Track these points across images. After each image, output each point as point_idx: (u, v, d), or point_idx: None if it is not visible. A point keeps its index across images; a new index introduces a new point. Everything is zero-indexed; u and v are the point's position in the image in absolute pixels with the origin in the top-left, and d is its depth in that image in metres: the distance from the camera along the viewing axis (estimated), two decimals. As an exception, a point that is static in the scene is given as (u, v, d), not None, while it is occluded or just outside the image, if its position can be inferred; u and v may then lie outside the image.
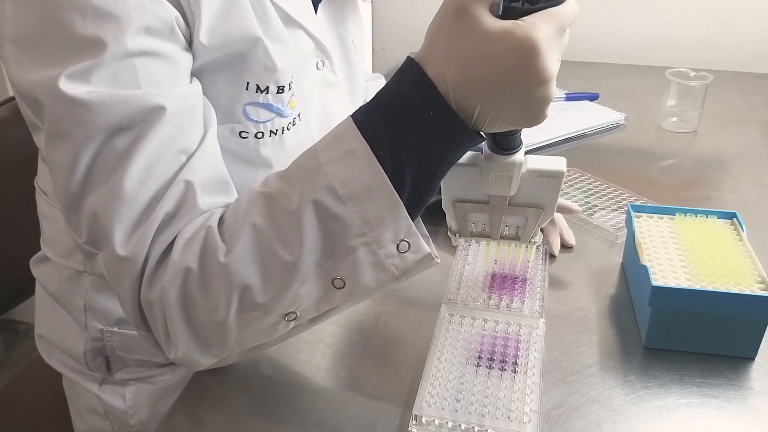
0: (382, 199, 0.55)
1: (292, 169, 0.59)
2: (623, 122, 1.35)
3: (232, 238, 0.58)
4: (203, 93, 0.68)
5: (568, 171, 1.11)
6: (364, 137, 0.54)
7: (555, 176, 0.65)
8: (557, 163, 0.65)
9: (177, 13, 0.63)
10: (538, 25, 0.50)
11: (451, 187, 0.68)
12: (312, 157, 0.57)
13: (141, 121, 0.58)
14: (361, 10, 0.96)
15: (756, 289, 0.71)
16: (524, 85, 0.51)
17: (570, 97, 1.41)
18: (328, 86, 0.85)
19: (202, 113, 0.65)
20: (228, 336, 0.60)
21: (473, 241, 0.89)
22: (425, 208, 0.58)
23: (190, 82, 0.66)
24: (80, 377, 0.89)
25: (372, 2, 1.83)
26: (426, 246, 0.57)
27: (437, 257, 0.59)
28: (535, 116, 0.54)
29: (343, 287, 0.58)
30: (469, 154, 0.64)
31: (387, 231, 0.56)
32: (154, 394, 0.88)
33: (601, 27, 1.69)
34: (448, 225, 0.73)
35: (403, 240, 0.57)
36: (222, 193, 0.64)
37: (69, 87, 0.56)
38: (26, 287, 1.03)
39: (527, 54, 0.49)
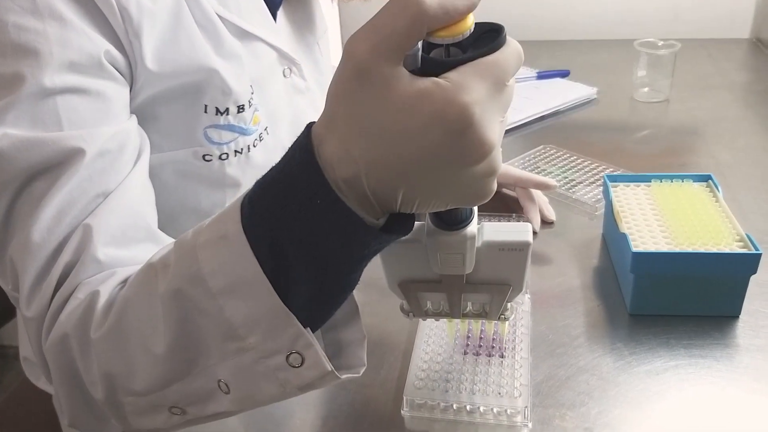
0: (260, 299, 0.43)
1: (179, 240, 0.49)
2: (596, 96, 1.35)
3: (110, 314, 0.50)
4: (158, 120, 0.66)
5: (545, 148, 1.12)
6: (242, 220, 0.43)
7: (520, 248, 0.52)
8: (521, 232, 0.52)
9: (109, 46, 0.59)
10: (467, 84, 0.37)
11: (392, 266, 0.55)
12: (195, 234, 0.47)
13: (57, 164, 0.54)
14: (325, 12, 0.95)
15: (735, 248, 0.72)
16: (456, 164, 0.39)
17: (541, 76, 1.42)
18: (298, 93, 0.83)
19: (134, 150, 0.61)
20: (116, 414, 0.53)
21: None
22: (340, 306, 0.48)
23: (128, 118, 0.62)
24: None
25: (339, 3, 1.83)
26: (325, 363, 0.45)
27: (362, 366, 0.49)
28: (478, 195, 0.41)
29: (228, 393, 0.48)
30: None
31: (270, 339, 0.45)
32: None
33: (568, 4, 1.69)
34: (400, 304, 0.61)
35: (293, 352, 0.45)
36: (140, 241, 0.57)
37: None
38: (11, 308, 1.02)
39: (454, 126, 0.37)
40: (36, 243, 0.54)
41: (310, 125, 0.41)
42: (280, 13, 0.80)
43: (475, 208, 0.49)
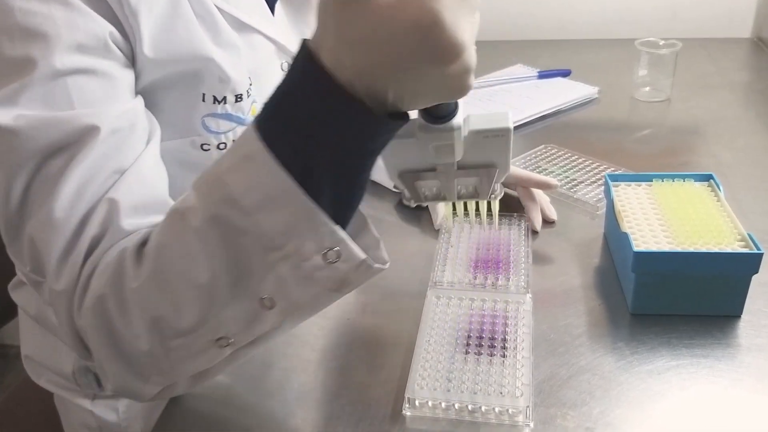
0: (293, 206, 0.47)
1: (199, 179, 0.52)
2: (597, 96, 1.35)
3: (144, 261, 0.53)
4: (157, 108, 0.67)
5: (546, 147, 1.11)
6: (261, 139, 0.47)
7: (501, 134, 0.58)
8: (501, 119, 0.58)
9: (112, 28, 0.60)
10: None
11: (391, 160, 0.61)
12: (215, 165, 0.51)
13: (73, 142, 0.56)
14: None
15: (737, 247, 0.72)
16: (434, 63, 0.43)
17: (542, 75, 1.41)
18: None
19: (143, 131, 0.63)
20: (160, 364, 0.56)
21: (455, 224, 0.89)
22: (359, 201, 0.52)
23: (134, 98, 0.63)
24: (71, 394, 0.88)
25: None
26: (359, 253, 0.50)
27: (385, 262, 0.53)
28: (457, 90, 0.46)
29: (273, 307, 0.52)
30: None
31: (307, 241, 0.48)
32: (148, 406, 0.87)
33: (568, 4, 1.69)
34: (400, 195, 0.67)
35: (329, 249, 0.49)
36: (158, 213, 0.59)
37: None
38: (12, 307, 1.02)
39: (428, 29, 0.41)
40: (59, 219, 0.55)
41: (304, 41, 0.45)
42: (278, 6, 0.81)
43: (460, 103, 0.54)
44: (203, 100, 0.70)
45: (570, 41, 1.68)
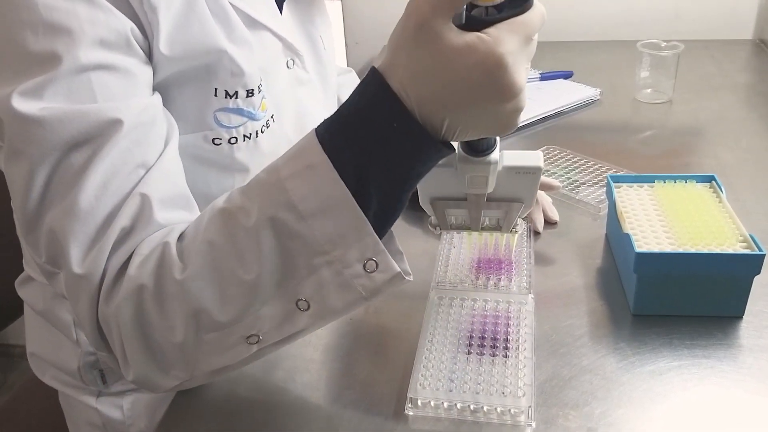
0: (345, 215, 0.52)
1: (252, 184, 0.56)
2: (599, 97, 1.35)
3: (189, 256, 0.56)
4: (170, 104, 0.68)
5: (548, 148, 1.12)
6: (325, 151, 0.51)
7: (532, 172, 0.64)
8: (534, 159, 0.64)
9: (132, 25, 0.62)
10: (503, 38, 0.47)
11: (427, 187, 0.66)
12: (272, 172, 0.54)
13: (97, 135, 0.57)
14: (328, 7, 0.96)
15: (738, 248, 0.72)
16: (492, 101, 0.48)
17: (544, 77, 1.42)
18: (300, 84, 0.85)
19: (163, 127, 0.64)
20: (187, 357, 0.58)
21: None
22: (396, 220, 0.56)
23: (152, 95, 0.65)
24: (76, 392, 0.89)
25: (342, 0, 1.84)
26: (395, 265, 0.54)
27: (409, 275, 0.56)
28: (506, 127, 0.51)
29: (308, 309, 0.56)
30: None
31: (352, 249, 0.53)
32: (152, 403, 0.88)
33: (570, 6, 1.69)
34: (429, 219, 0.72)
35: (370, 259, 0.53)
36: (182, 208, 0.62)
37: (22, 104, 0.56)
38: (16, 307, 1.03)
39: (493, 70, 0.47)
40: (84, 210, 0.57)
41: (373, 67, 0.51)
42: (285, 5, 0.82)
43: (498, 139, 0.61)
44: (215, 95, 0.71)
45: (572, 43, 1.69)
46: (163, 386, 0.61)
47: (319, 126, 0.53)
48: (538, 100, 1.32)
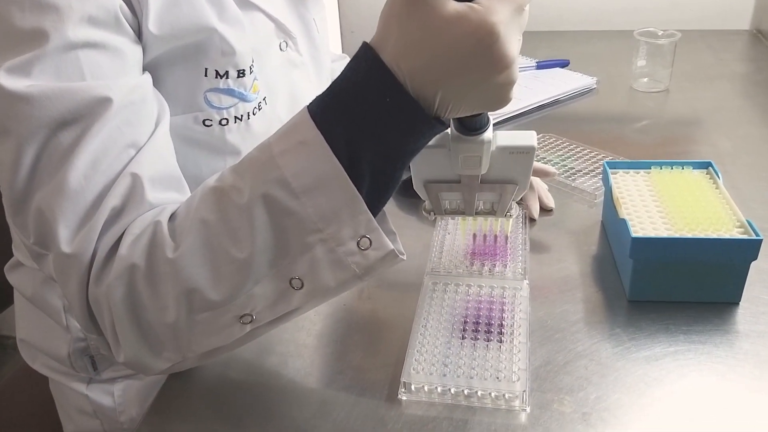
0: (339, 192, 0.51)
1: (244, 162, 0.55)
2: (595, 86, 1.35)
3: (181, 235, 0.55)
4: (160, 84, 0.67)
5: (544, 136, 1.11)
6: (317, 127, 0.51)
7: (526, 152, 0.62)
8: (527, 138, 0.63)
9: (121, 2, 0.61)
10: (495, 8, 0.46)
11: (420, 169, 0.65)
12: (264, 149, 0.54)
13: (86, 114, 0.56)
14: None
15: (735, 234, 0.71)
16: (484, 72, 0.48)
17: (541, 65, 1.41)
18: (294, 67, 0.84)
19: (153, 107, 0.63)
20: (180, 338, 0.57)
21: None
22: (389, 198, 0.56)
23: (142, 75, 0.64)
24: (66, 378, 0.88)
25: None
26: (389, 242, 0.54)
27: (403, 254, 0.55)
28: (499, 101, 0.51)
29: (301, 287, 0.55)
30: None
31: (345, 227, 0.52)
32: (143, 390, 0.87)
33: (567, -5, 1.69)
34: (423, 205, 0.70)
35: (363, 236, 0.53)
36: (174, 189, 0.61)
37: (9, 81, 0.55)
38: (6, 296, 1.02)
39: (485, 40, 0.46)
40: (73, 189, 0.56)
41: (365, 42, 0.50)
42: None
43: (491, 119, 0.59)
44: (206, 75, 0.70)
45: (569, 32, 1.68)
46: (154, 368, 0.60)
47: (311, 102, 0.53)
48: (535, 88, 1.31)
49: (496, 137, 0.61)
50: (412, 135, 0.51)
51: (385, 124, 0.50)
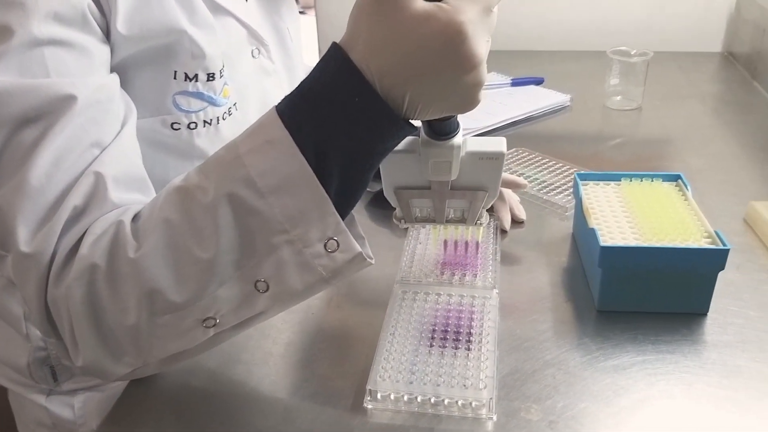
0: (306, 192, 0.50)
1: (210, 161, 0.54)
2: (569, 104, 1.36)
3: (144, 234, 0.54)
4: (128, 86, 0.67)
5: (517, 150, 1.11)
6: (285, 126, 0.50)
7: (495, 158, 0.62)
8: (497, 144, 0.62)
9: (90, 1, 0.60)
10: (463, 7, 0.46)
11: (390, 175, 0.64)
12: (231, 149, 0.53)
13: (50, 111, 0.55)
14: (302, 18, 0.95)
15: (703, 243, 0.71)
16: (453, 72, 0.48)
17: (515, 82, 1.42)
18: (266, 74, 0.84)
19: (120, 107, 0.63)
20: (140, 342, 0.55)
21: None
22: (358, 200, 0.55)
23: (110, 75, 0.63)
24: (26, 390, 0.86)
25: (316, 8, 1.83)
26: (357, 245, 0.53)
27: (371, 258, 0.55)
28: (468, 102, 0.51)
29: (266, 290, 0.53)
30: (406, 139, 0.61)
31: (313, 228, 0.51)
32: (104, 402, 0.85)
33: (543, 16, 1.70)
34: (394, 212, 0.70)
35: (331, 238, 0.52)
36: (138, 191, 0.60)
37: None
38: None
39: (453, 39, 0.46)
40: (34, 187, 0.54)
41: (334, 43, 0.50)
42: None
43: (461, 124, 0.59)
44: (174, 78, 0.70)
45: (544, 52, 1.70)
46: (114, 373, 0.58)
47: (279, 102, 0.52)
48: (509, 104, 1.31)
49: (466, 143, 0.61)
50: (380, 135, 0.51)
51: (353, 124, 0.49)
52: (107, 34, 0.63)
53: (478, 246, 0.82)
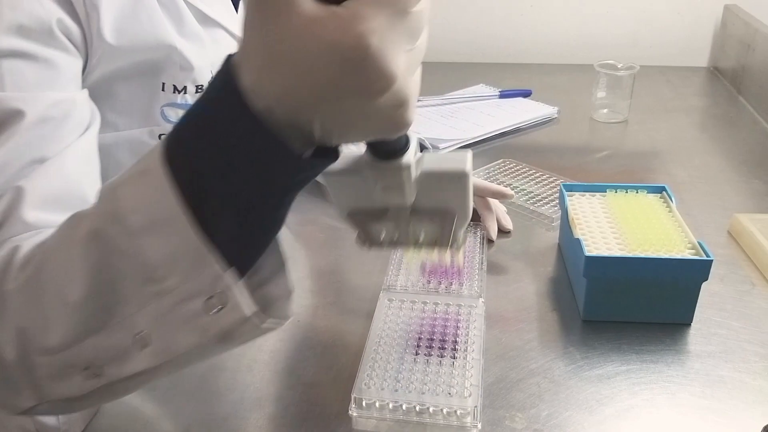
0: (178, 236, 0.41)
1: (105, 183, 0.46)
2: (556, 116, 1.37)
3: (28, 264, 0.48)
4: (116, 97, 0.66)
5: (505, 161, 1.12)
6: (162, 154, 0.41)
7: (457, 178, 0.51)
8: (459, 161, 0.51)
9: (61, 15, 0.59)
10: (365, 13, 0.35)
11: (339, 198, 0.55)
12: (118, 176, 0.45)
13: None
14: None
15: (687, 254, 0.72)
16: (359, 94, 0.37)
17: (504, 94, 1.43)
18: None
19: (79, 125, 0.60)
20: (28, 379, 0.48)
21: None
22: (269, 244, 0.46)
23: (77, 89, 0.61)
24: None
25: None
26: (245, 306, 0.42)
27: (284, 318, 0.46)
28: (392, 126, 0.40)
29: (147, 346, 0.45)
30: (350, 157, 0.50)
31: (189, 280, 0.42)
32: (88, 410, 0.84)
33: (531, 29, 1.72)
34: (356, 234, 0.60)
35: (212, 296, 0.42)
36: (72, 210, 0.53)
37: None
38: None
39: (350, 55, 0.35)
40: None
41: (229, 56, 0.40)
42: (242, 2, 0.81)
43: (414, 138, 0.48)
44: (163, 90, 0.69)
45: (533, 65, 1.71)
46: (18, 406, 0.51)
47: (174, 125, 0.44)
48: (497, 116, 1.32)
49: (422, 160, 0.51)
50: (275, 171, 0.41)
51: (240, 157, 0.40)
52: (85, 46, 0.62)
53: (464, 255, 0.82)
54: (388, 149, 0.47)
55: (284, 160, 0.40)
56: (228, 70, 0.39)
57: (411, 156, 0.48)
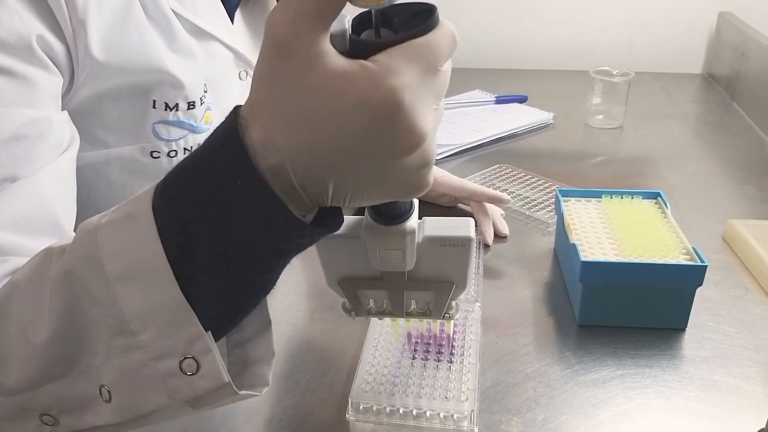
0: (159, 289, 0.39)
1: (85, 221, 0.43)
2: (552, 121, 1.37)
3: None
4: (106, 115, 0.65)
5: (501, 167, 1.12)
6: (153, 200, 0.39)
7: (461, 244, 0.50)
8: (462, 227, 0.50)
9: (43, 32, 0.57)
10: (397, 67, 0.34)
11: (330, 263, 0.52)
12: (102, 214, 0.42)
13: None
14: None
15: (681, 260, 0.73)
16: (386, 154, 0.36)
17: (499, 100, 1.44)
18: None
19: (57, 145, 0.58)
20: None
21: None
22: (255, 307, 0.44)
23: (55, 108, 0.59)
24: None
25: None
26: (224, 373, 0.40)
27: (263, 384, 0.45)
28: (412, 188, 0.39)
29: (109, 401, 0.42)
30: (348, 221, 0.48)
31: (164, 337, 0.40)
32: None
33: (527, 35, 1.73)
34: (342, 302, 0.58)
35: (188, 357, 0.40)
36: (44, 234, 0.53)
37: None
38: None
39: (382, 111, 0.34)
40: None
41: (237, 107, 0.38)
42: (237, 14, 0.80)
43: (416, 202, 0.47)
44: (154, 107, 0.68)
45: (529, 71, 1.72)
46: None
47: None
48: (492, 121, 1.33)
49: (423, 226, 0.50)
50: (272, 235, 0.39)
51: (234, 214, 0.37)
52: (72, 64, 0.60)
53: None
54: (393, 213, 0.46)
55: (283, 224, 0.38)
56: (234, 121, 0.37)
57: (414, 221, 0.47)
